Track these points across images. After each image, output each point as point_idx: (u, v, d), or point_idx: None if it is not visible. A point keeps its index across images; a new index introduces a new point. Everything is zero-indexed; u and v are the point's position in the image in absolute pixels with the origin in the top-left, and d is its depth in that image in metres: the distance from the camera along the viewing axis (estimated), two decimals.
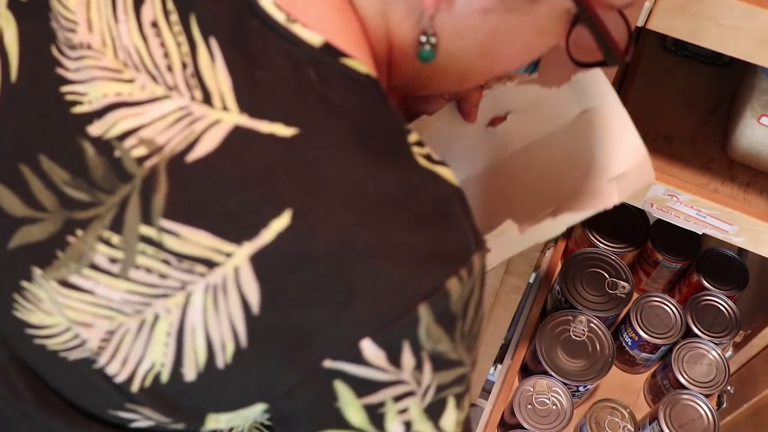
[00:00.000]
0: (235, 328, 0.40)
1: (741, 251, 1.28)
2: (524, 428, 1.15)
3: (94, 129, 0.42)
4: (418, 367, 0.41)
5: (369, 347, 0.39)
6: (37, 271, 0.43)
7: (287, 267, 0.39)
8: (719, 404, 1.22)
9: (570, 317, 1.19)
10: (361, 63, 0.42)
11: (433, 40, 0.45)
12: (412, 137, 0.43)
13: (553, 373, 1.16)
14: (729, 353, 1.27)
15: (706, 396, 1.16)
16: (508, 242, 0.64)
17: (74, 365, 0.44)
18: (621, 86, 0.98)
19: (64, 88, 0.43)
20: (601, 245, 1.27)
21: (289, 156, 0.39)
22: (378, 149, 0.41)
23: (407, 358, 0.40)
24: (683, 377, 1.18)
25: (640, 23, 0.69)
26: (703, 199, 0.86)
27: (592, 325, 1.19)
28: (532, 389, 1.16)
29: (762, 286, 1.30)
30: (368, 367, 0.40)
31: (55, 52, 0.44)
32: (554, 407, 1.16)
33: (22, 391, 0.47)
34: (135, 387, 0.43)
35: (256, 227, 0.39)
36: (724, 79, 1.03)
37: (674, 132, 0.98)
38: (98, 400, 0.45)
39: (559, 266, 1.33)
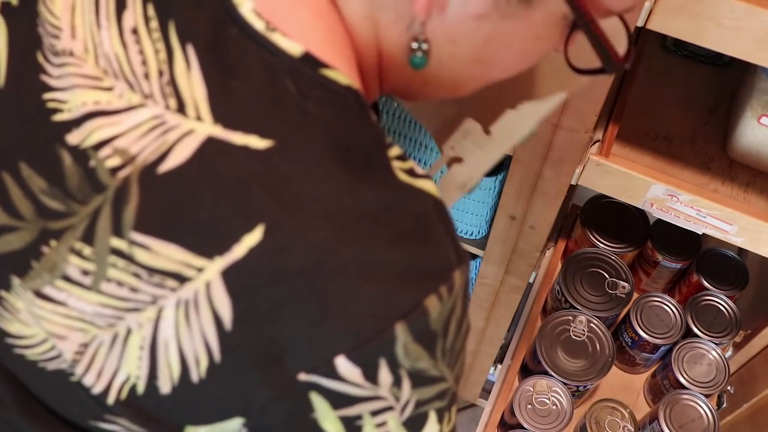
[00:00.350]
0: (208, 343, 0.39)
1: (741, 251, 1.28)
2: (524, 428, 1.15)
3: (72, 138, 0.41)
4: (396, 383, 0.40)
5: (344, 364, 0.38)
6: (16, 281, 0.43)
7: (259, 283, 0.38)
8: (719, 404, 1.22)
9: (570, 317, 1.19)
10: (342, 74, 0.41)
11: (424, 46, 0.44)
12: (393, 151, 0.42)
13: (553, 373, 1.16)
14: (729, 353, 1.27)
15: (706, 396, 1.16)
16: (478, 149, 0.61)
17: (53, 376, 0.44)
18: (621, 86, 0.98)
19: (47, 95, 0.42)
20: (601, 245, 1.27)
21: (263, 169, 0.38)
22: (356, 163, 0.40)
23: (384, 375, 0.39)
24: (683, 377, 1.18)
25: (640, 23, 0.69)
26: (703, 199, 0.86)
27: (592, 325, 1.19)
28: (532, 389, 1.16)
29: (762, 286, 1.30)
30: (343, 382, 0.39)
31: (40, 58, 0.43)
32: (554, 407, 1.15)
33: (6, 399, 0.46)
34: (111, 399, 0.42)
35: (228, 242, 0.38)
36: (724, 79, 1.03)
37: (674, 132, 0.98)
38: (78, 411, 0.45)
39: (559, 266, 1.32)
